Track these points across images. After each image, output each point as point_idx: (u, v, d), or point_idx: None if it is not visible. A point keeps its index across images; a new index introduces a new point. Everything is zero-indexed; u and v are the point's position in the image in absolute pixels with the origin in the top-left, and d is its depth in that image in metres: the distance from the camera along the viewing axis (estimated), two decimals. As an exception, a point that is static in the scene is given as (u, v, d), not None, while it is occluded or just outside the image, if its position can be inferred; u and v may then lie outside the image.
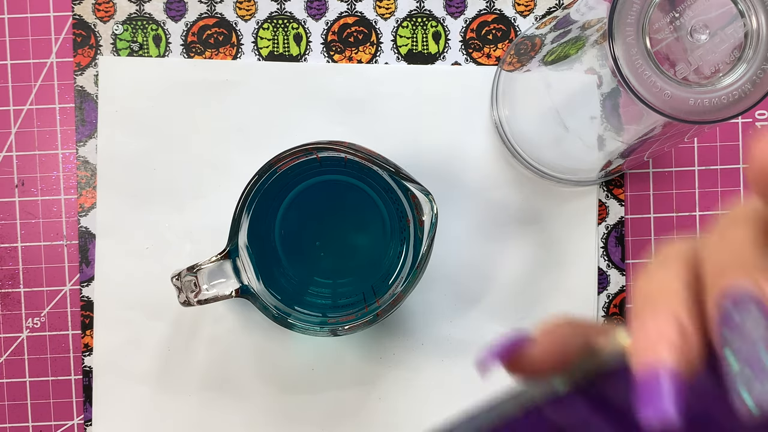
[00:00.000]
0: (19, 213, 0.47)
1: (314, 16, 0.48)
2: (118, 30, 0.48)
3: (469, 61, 0.48)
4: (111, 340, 0.47)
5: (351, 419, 0.47)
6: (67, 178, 0.47)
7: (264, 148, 0.46)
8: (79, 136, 0.47)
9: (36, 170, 0.47)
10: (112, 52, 0.48)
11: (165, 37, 0.48)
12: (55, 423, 0.47)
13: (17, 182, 0.47)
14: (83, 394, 0.47)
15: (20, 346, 0.47)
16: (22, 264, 0.47)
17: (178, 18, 0.48)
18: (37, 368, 0.47)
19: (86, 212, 0.47)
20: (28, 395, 0.47)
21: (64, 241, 0.47)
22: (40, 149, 0.47)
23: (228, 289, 0.40)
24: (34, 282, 0.47)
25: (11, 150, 0.47)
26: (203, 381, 0.47)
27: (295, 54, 0.48)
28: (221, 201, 0.46)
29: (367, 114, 0.48)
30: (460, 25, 0.48)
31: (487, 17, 0.48)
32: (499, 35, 0.48)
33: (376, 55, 0.48)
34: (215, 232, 0.46)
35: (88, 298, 0.47)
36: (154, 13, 0.48)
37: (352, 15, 0.48)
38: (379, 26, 0.48)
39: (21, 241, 0.47)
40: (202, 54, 0.48)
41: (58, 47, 0.47)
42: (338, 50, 0.48)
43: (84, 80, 0.47)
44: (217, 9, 0.48)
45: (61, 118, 0.47)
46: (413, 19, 0.48)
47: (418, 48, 0.48)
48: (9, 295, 0.47)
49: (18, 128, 0.47)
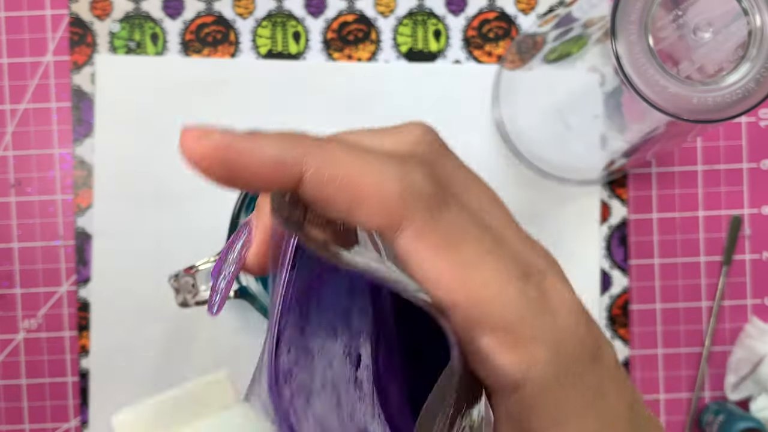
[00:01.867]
0: (15, 213, 0.47)
1: (313, 13, 0.48)
2: (115, 28, 0.47)
3: (470, 59, 0.48)
4: (108, 341, 0.46)
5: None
6: (63, 178, 0.47)
7: (262, 148, 0.46)
8: (76, 136, 0.47)
9: (32, 170, 0.47)
10: (109, 50, 0.47)
11: (162, 35, 0.47)
12: (52, 425, 0.47)
13: (13, 182, 0.47)
14: (80, 396, 0.47)
15: (16, 347, 0.47)
16: (19, 265, 0.47)
17: (175, 16, 0.47)
18: (33, 370, 0.47)
19: (83, 212, 0.47)
20: (25, 397, 0.47)
21: (61, 242, 0.47)
22: (37, 149, 0.47)
23: (226, 291, 0.40)
24: (31, 283, 0.47)
25: (7, 149, 0.47)
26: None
27: (294, 52, 0.48)
28: (219, 201, 0.46)
29: (367, 113, 0.47)
30: (461, 23, 0.48)
31: (488, 15, 0.48)
32: (501, 33, 0.48)
33: (375, 54, 0.48)
34: (213, 233, 0.46)
35: (84, 299, 0.47)
36: (151, 11, 0.47)
37: (352, 13, 0.48)
38: (379, 24, 0.48)
39: (17, 242, 0.47)
40: (200, 52, 0.47)
41: (54, 46, 0.47)
42: (337, 48, 0.48)
43: (81, 79, 0.47)
44: (215, 7, 0.47)
45: (58, 117, 0.47)
46: (414, 17, 0.48)
47: (419, 46, 0.48)
48: (5, 296, 0.47)
49: (14, 127, 0.47)
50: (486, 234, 0.21)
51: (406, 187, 0.20)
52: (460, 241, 0.20)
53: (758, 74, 0.31)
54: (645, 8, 0.31)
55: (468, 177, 0.23)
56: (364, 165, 0.20)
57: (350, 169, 0.20)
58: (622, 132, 0.38)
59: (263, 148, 0.20)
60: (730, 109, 0.31)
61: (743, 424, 0.45)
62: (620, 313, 0.48)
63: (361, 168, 0.20)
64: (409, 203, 0.20)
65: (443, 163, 0.22)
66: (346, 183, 0.20)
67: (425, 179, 0.20)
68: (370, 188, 0.19)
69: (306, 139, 0.20)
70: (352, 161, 0.20)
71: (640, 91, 0.31)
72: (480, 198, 0.22)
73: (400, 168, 0.20)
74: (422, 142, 0.22)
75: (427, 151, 0.22)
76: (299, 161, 0.20)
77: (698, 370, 0.49)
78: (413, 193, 0.20)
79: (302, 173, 0.20)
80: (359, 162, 0.20)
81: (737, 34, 0.31)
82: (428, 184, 0.20)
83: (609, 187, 0.48)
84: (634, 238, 0.48)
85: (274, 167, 0.20)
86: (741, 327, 0.49)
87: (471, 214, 0.21)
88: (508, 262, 0.20)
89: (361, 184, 0.20)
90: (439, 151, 0.23)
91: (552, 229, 0.48)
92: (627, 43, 0.31)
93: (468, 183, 0.23)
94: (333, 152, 0.20)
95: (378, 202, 0.19)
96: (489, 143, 0.48)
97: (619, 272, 0.48)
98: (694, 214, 0.48)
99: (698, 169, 0.48)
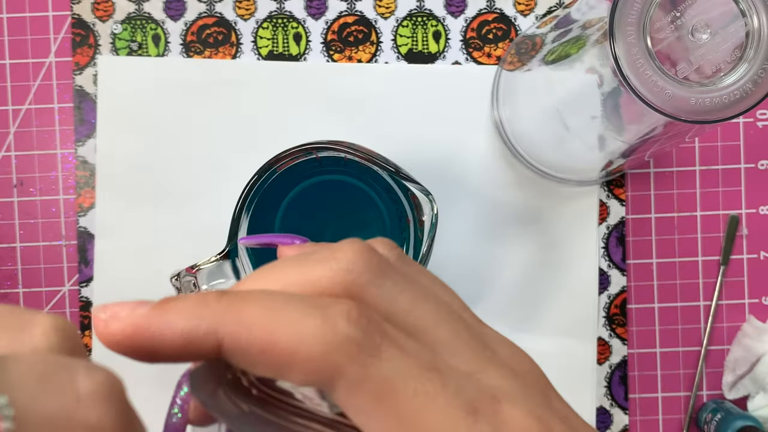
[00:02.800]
0: (17, 213, 0.47)
1: (314, 15, 0.48)
2: (117, 29, 0.47)
3: (469, 60, 0.48)
4: (110, 340, 0.47)
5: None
6: (65, 178, 0.47)
7: (263, 148, 0.46)
8: (78, 136, 0.47)
9: (35, 170, 0.47)
10: (111, 51, 0.47)
11: (164, 36, 0.47)
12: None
13: (16, 182, 0.47)
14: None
15: (19, 346, 0.47)
16: (21, 264, 0.47)
17: (177, 17, 0.48)
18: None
19: (85, 212, 0.47)
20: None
21: (63, 242, 0.47)
22: (39, 149, 0.47)
23: (227, 290, 0.40)
24: (33, 282, 0.47)
25: (10, 150, 0.47)
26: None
27: (295, 53, 0.48)
28: (221, 201, 0.46)
29: (367, 114, 0.48)
30: (461, 25, 0.48)
31: (487, 16, 0.48)
32: (500, 34, 0.48)
33: (376, 55, 0.48)
34: (215, 232, 0.46)
35: (87, 298, 0.47)
36: (153, 12, 0.47)
37: (352, 14, 0.48)
38: (379, 25, 0.48)
39: (20, 242, 0.47)
40: (201, 53, 0.48)
41: (56, 47, 0.47)
42: (338, 50, 0.48)
43: (83, 80, 0.47)
44: (217, 8, 0.48)
45: (60, 117, 0.47)
46: (413, 19, 0.48)
47: (419, 47, 0.48)
48: (8, 296, 0.47)
49: (17, 128, 0.47)
50: (427, 371, 0.19)
51: (330, 342, 0.18)
52: (397, 389, 0.18)
53: (756, 75, 0.31)
54: (643, 10, 0.31)
55: (413, 283, 0.21)
56: (283, 324, 0.18)
57: (268, 330, 0.18)
58: (621, 133, 0.38)
59: (172, 325, 0.19)
60: (727, 109, 0.31)
61: (741, 422, 0.45)
62: (618, 313, 0.48)
63: (279, 327, 0.18)
64: (335, 358, 0.18)
65: (378, 286, 0.20)
66: (266, 347, 0.18)
67: (351, 325, 0.18)
68: (292, 349, 0.18)
69: (220, 302, 0.19)
70: (269, 321, 0.18)
71: (639, 92, 0.31)
72: (426, 304, 0.21)
73: (322, 319, 0.18)
74: (353, 270, 0.20)
75: (358, 281, 0.20)
76: (212, 330, 0.18)
77: (696, 368, 0.49)
78: (338, 345, 0.18)
79: (219, 342, 0.18)
80: (277, 321, 0.18)
81: (735, 35, 0.32)
82: (355, 330, 0.18)
83: (607, 188, 0.48)
84: (632, 237, 0.49)
85: (187, 343, 0.19)
86: (738, 326, 0.49)
87: (409, 349, 0.19)
88: (453, 399, 0.18)
89: (282, 346, 0.18)
90: (376, 271, 0.21)
91: (550, 230, 0.48)
92: (625, 45, 0.31)
93: (414, 292, 0.21)
94: (248, 314, 0.18)
95: (303, 361, 0.18)
96: (488, 144, 0.48)
97: (618, 272, 0.48)
98: (692, 214, 0.49)
99: (696, 169, 0.49)
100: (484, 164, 0.48)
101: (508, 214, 0.48)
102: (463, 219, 0.48)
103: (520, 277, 0.48)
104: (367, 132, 0.48)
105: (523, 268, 0.48)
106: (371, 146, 0.40)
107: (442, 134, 0.48)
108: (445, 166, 0.48)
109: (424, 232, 0.39)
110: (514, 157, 0.47)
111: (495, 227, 0.48)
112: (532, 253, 0.48)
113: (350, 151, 0.39)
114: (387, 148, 0.43)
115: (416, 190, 0.39)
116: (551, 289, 0.48)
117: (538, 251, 0.48)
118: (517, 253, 0.48)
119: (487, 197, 0.48)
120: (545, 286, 0.48)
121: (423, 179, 0.40)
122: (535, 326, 0.48)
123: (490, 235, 0.48)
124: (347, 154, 0.39)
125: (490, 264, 0.48)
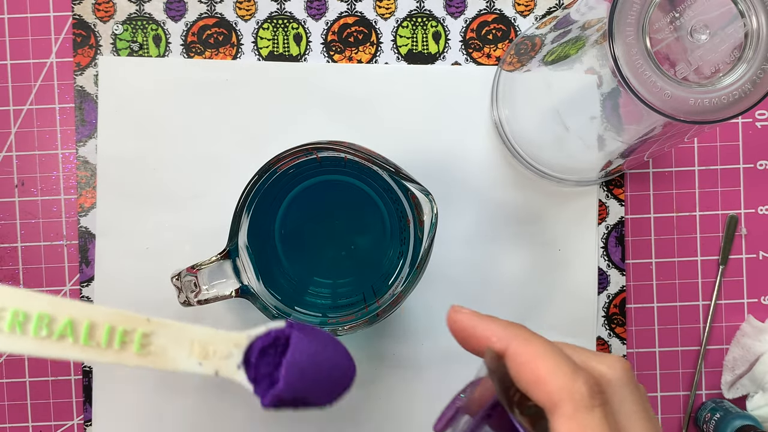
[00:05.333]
0: (18, 213, 0.47)
1: (314, 16, 0.48)
2: (117, 30, 0.48)
3: (469, 61, 0.48)
4: (111, 340, 0.47)
5: (351, 419, 0.47)
6: (66, 178, 0.47)
7: (264, 148, 0.46)
8: (79, 136, 0.47)
9: (36, 170, 0.47)
10: (112, 52, 0.47)
11: (165, 37, 0.48)
12: (55, 423, 0.47)
13: (17, 182, 0.47)
14: (83, 394, 0.47)
15: (20, 346, 0.47)
16: (22, 264, 0.47)
17: (178, 18, 0.48)
18: (36, 368, 0.47)
19: (86, 212, 0.47)
20: (28, 395, 0.47)
21: (64, 241, 0.47)
22: (40, 149, 0.47)
23: (228, 289, 0.40)
24: (34, 282, 0.47)
25: (11, 150, 0.47)
26: (202, 381, 0.47)
27: (295, 54, 0.48)
28: (221, 201, 0.46)
29: (367, 114, 0.48)
30: (460, 25, 0.48)
31: (487, 17, 0.48)
32: (499, 35, 0.48)
33: (376, 55, 0.48)
34: (215, 232, 0.46)
35: (87, 298, 0.47)
36: (154, 13, 0.48)
37: (352, 15, 0.48)
38: (379, 26, 0.48)
39: (21, 241, 0.47)
40: (202, 54, 0.48)
41: (57, 47, 0.47)
42: (338, 50, 0.48)
43: (84, 80, 0.47)
44: (217, 9, 0.48)
45: (61, 118, 0.47)
46: (413, 19, 0.48)
47: (418, 48, 0.48)
48: (9, 295, 0.47)
49: (18, 128, 0.47)
50: None
51: (567, 382, 0.26)
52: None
53: (754, 75, 0.31)
54: (642, 10, 0.31)
55: (635, 413, 0.28)
56: (546, 359, 0.27)
57: (535, 357, 0.27)
58: (620, 133, 0.38)
59: (484, 331, 0.29)
60: (726, 110, 0.32)
61: (739, 421, 0.46)
62: (617, 312, 0.48)
63: (543, 360, 0.27)
64: (563, 395, 0.26)
65: (617, 391, 0.28)
66: (529, 365, 0.27)
67: (585, 386, 0.26)
68: (542, 374, 0.26)
69: (520, 330, 0.28)
70: (538, 353, 0.27)
71: (638, 92, 0.31)
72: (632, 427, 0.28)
73: (571, 370, 0.26)
74: (612, 368, 0.28)
75: (609, 376, 0.28)
76: (505, 343, 0.28)
77: (695, 368, 0.49)
78: (571, 389, 0.26)
79: (505, 349, 0.28)
80: (543, 355, 0.27)
81: (734, 35, 0.32)
82: (586, 391, 0.26)
83: (606, 188, 0.48)
84: (632, 237, 0.49)
85: (486, 341, 0.29)
86: (737, 326, 0.49)
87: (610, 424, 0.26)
88: None
89: (537, 370, 0.27)
90: (620, 383, 0.28)
91: (550, 229, 0.48)
92: (624, 45, 0.31)
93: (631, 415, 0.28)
94: (529, 343, 0.27)
95: (544, 386, 0.26)
96: (488, 144, 0.48)
97: (617, 271, 0.48)
98: (691, 213, 0.49)
99: (695, 169, 0.49)
100: (484, 164, 0.48)
101: (508, 213, 0.48)
102: (462, 219, 0.48)
103: (520, 277, 0.48)
104: (367, 132, 0.48)
105: (522, 268, 0.48)
106: (371, 146, 0.40)
107: (441, 134, 0.48)
108: (445, 166, 0.48)
109: (424, 231, 0.39)
110: (514, 157, 0.47)
111: (494, 227, 0.48)
112: (532, 252, 0.48)
113: (350, 151, 0.39)
114: (387, 148, 0.43)
115: (416, 190, 0.39)
116: (550, 289, 0.48)
117: (537, 251, 0.48)
118: (516, 253, 0.48)
119: (486, 197, 0.48)
120: (544, 285, 0.48)
121: (423, 179, 0.40)
122: (535, 326, 0.48)
123: (490, 234, 0.48)
124: (347, 154, 0.39)
125: (490, 263, 0.48)
